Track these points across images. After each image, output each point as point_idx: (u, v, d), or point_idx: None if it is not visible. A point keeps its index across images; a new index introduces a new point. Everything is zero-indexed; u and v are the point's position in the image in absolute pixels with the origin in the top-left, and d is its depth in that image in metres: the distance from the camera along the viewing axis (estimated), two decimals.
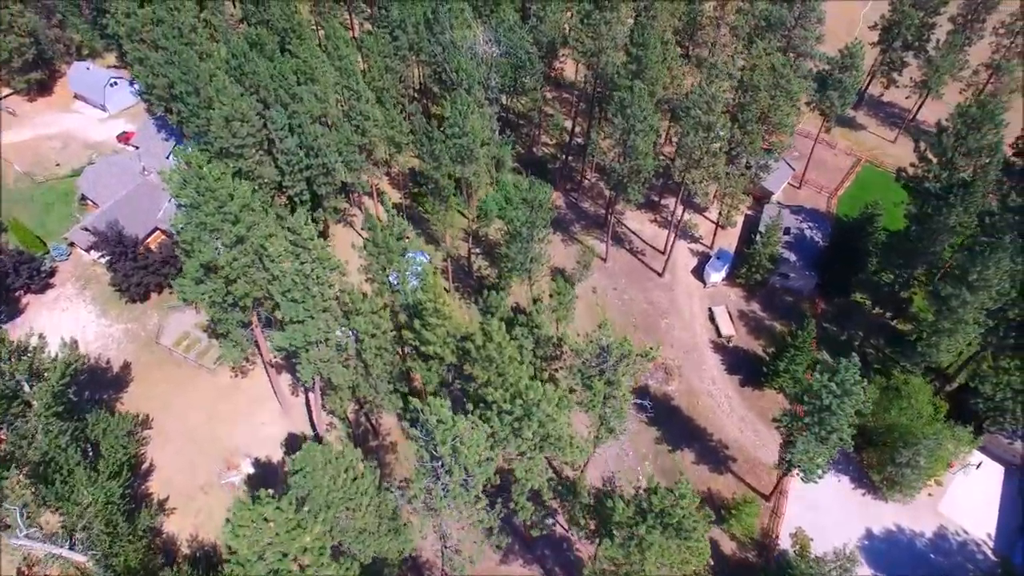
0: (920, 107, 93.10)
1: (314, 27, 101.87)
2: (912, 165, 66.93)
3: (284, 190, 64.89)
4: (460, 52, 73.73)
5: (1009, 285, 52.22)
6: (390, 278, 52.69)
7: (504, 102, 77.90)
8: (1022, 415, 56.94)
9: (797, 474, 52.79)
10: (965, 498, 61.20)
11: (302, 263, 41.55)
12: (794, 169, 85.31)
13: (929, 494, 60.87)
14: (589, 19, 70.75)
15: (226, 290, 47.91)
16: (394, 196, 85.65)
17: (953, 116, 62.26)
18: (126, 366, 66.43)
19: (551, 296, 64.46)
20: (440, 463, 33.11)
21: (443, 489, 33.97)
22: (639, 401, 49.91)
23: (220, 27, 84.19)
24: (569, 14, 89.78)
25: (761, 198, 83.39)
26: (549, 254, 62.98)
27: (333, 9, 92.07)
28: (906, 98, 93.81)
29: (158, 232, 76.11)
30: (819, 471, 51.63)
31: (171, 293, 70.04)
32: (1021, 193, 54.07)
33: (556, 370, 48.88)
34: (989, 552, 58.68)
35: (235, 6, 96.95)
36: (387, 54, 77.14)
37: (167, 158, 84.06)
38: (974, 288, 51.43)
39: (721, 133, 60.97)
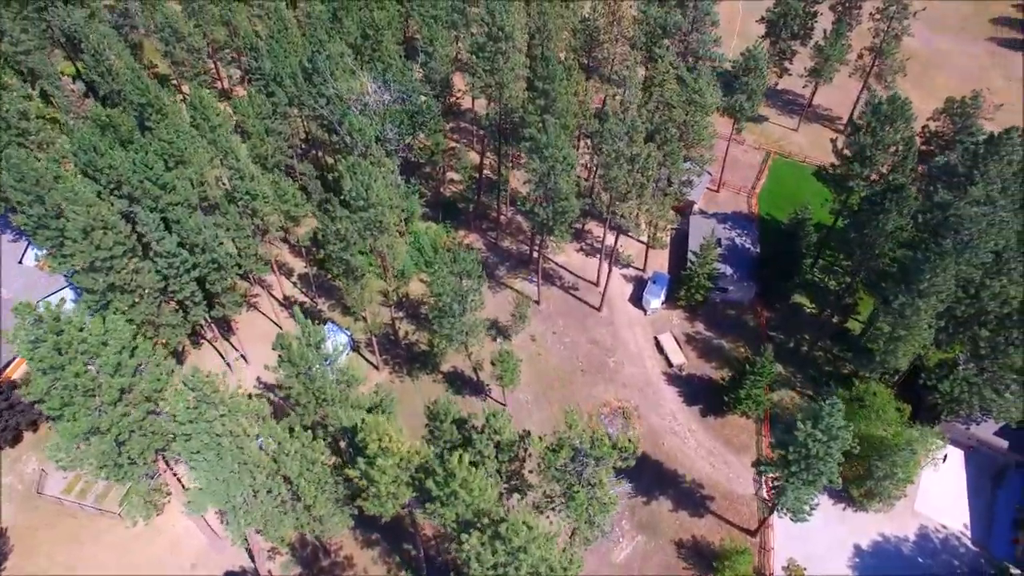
0: (815, 94, 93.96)
1: (175, 84, 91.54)
2: (832, 165, 66.23)
3: (171, 296, 55.85)
4: (347, 106, 66.69)
5: (955, 285, 51.40)
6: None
7: (404, 142, 71.34)
8: (979, 405, 56.83)
9: (787, 516, 50.09)
10: (937, 492, 60.92)
11: (210, 421, 34.03)
12: (711, 174, 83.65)
13: (904, 495, 60.05)
14: (483, 51, 65.40)
15: (118, 451, 39.38)
16: (297, 266, 77.43)
17: (866, 113, 61.77)
18: (1, 535, 55.33)
19: (493, 364, 59.06)
20: None
21: None
22: (618, 491, 45.23)
23: (61, 104, 72.92)
24: (458, 43, 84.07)
25: (683, 209, 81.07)
26: (484, 321, 57.17)
27: (195, 65, 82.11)
28: (803, 87, 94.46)
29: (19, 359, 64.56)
30: (807, 508, 49.28)
31: (51, 428, 59.32)
32: (949, 189, 53.43)
33: (523, 470, 43.53)
34: (969, 543, 58.53)
35: (78, 75, 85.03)
36: (265, 115, 68.96)
37: (19, 262, 72.23)
38: (925, 295, 50.25)
39: (649, 163, 57.37)
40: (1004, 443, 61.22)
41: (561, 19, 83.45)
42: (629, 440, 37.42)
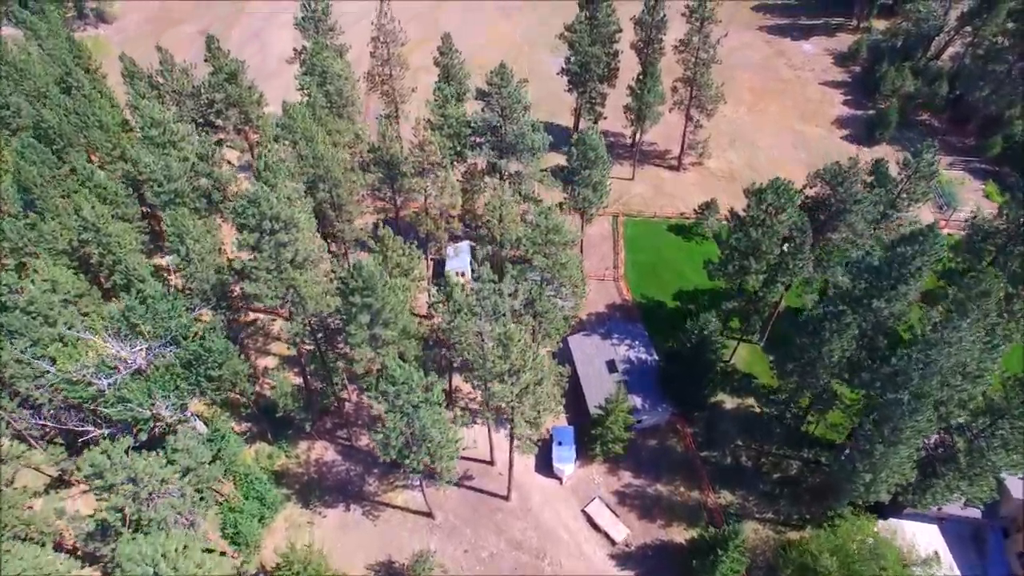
0: (638, 135, 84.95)
1: None
2: (723, 263, 56.65)
3: None
4: (85, 385, 45.23)
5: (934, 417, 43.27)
6: None
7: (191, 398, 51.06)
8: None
9: None
10: None
11: None
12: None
13: None
14: (258, 250, 46.82)
15: None
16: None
17: (750, 207, 52.51)
18: None
19: None
20: None
21: None
22: None
23: None
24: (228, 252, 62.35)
25: None
26: None
27: None
28: (630, 134, 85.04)
29: None
30: None
31: None
32: (877, 292, 44.88)
33: None
34: None
35: None
36: None
37: None
38: (907, 441, 41.60)
39: (538, 366, 43.35)
40: (977, 512, 56.15)
41: (340, 138, 66.44)
42: None
